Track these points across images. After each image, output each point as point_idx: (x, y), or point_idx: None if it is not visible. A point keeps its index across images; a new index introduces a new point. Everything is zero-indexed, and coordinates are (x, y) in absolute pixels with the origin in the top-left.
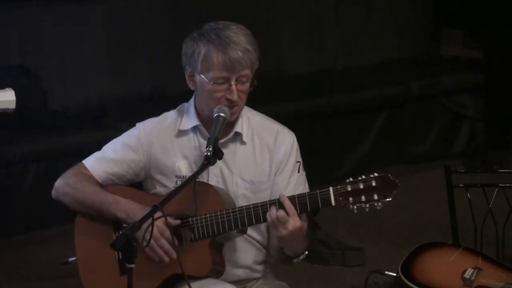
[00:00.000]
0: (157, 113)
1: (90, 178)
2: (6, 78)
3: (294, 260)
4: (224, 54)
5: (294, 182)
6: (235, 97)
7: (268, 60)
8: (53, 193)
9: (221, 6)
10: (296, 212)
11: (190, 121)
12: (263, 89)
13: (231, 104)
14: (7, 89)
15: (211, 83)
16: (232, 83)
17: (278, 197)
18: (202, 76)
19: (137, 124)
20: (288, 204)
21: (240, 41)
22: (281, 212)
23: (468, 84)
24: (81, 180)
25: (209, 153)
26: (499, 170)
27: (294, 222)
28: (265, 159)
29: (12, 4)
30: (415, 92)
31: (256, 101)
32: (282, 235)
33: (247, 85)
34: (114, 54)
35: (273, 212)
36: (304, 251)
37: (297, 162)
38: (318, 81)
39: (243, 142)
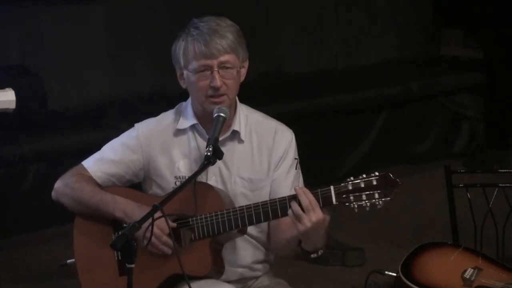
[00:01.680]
0: (156, 113)
1: (89, 178)
2: (6, 78)
3: (312, 256)
4: (200, 42)
5: (292, 178)
6: (218, 83)
7: (268, 60)
8: (53, 194)
9: (221, 6)
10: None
11: (188, 119)
12: (263, 89)
13: (216, 92)
14: (7, 89)
15: (194, 74)
16: (215, 69)
17: (294, 192)
18: (187, 70)
19: (136, 125)
20: (310, 195)
21: (218, 29)
22: (306, 202)
23: (468, 84)
24: (80, 181)
25: (209, 153)
26: (499, 170)
27: (318, 213)
28: (263, 157)
29: (12, 4)
30: (415, 92)
31: (256, 101)
32: (307, 227)
33: (232, 72)
34: (114, 54)
35: (296, 205)
36: (323, 246)
37: (295, 159)
38: (318, 81)
39: (241, 141)
